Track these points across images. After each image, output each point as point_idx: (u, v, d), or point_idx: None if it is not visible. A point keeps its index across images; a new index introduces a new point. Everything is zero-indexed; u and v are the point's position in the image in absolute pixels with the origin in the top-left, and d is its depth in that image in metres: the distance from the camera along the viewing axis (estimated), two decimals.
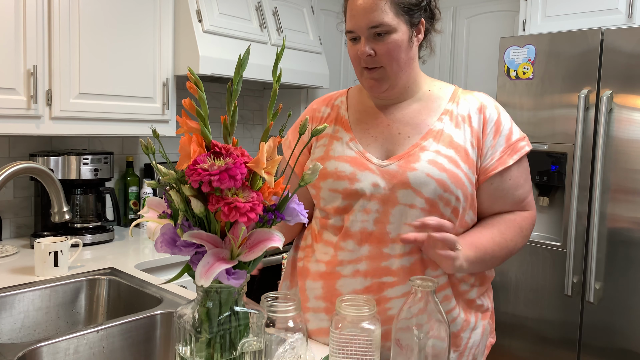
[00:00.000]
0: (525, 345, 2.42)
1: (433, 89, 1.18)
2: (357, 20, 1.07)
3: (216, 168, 0.63)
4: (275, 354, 0.85)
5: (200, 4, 2.27)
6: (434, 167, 1.06)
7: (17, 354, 1.05)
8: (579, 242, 2.24)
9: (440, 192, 1.05)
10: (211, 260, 0.65)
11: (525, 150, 1.14)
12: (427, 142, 1.09)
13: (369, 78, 1.11)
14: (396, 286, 1.07)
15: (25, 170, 1.27)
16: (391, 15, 1.06)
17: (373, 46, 1.07)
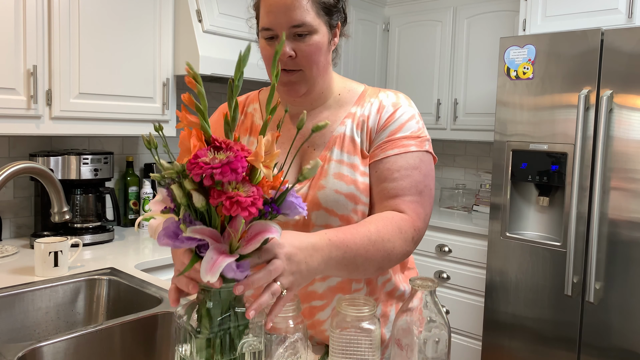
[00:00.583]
0: (525, 345, 2.42)
1: (343, 92, 1.12)
2: (276, 17, 0.98)
3: (217, 162, 0.63)
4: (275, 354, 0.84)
5: (200, 4, 2.27)
6: (341, 182, 1.01)
7: (17, 354, 1.05)
8: (579, 242, 2.24)
9: (352, 205, 1.01)
10: (214, 255, 0.65)
11: (408, 150, 1.02)
12: (330, 152, 1.04)
13: (285, 81, 1.03)
14: (326, 308, 1.06)
15: (25, 170, 1.27)
16: (313, 14, 0.99)
17: (293, 47, 0.99)
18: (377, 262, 0.94)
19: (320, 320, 1.07)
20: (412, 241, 1.00)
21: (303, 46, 1.00)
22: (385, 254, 0.95)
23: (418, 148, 1.04)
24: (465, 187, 3.47)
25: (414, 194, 1.01)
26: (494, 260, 2.52)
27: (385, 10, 3.56)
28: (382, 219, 0.97)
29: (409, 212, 1.00)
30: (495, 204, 2.51)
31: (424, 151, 1.04)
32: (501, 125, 2.48)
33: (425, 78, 3.35)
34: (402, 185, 1.01)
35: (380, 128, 1.05)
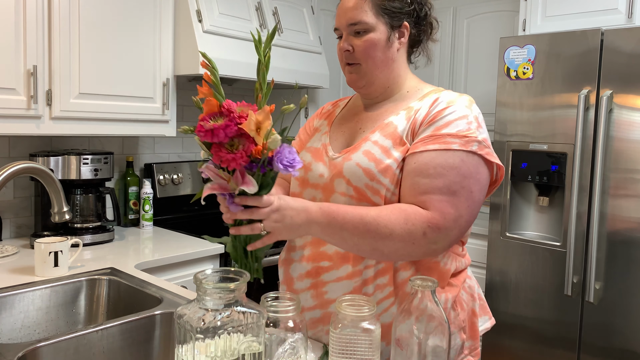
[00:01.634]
0: (525, 345, 2.42)
1: (412, 90, 1.19)
2: (340, 18, 1.16)
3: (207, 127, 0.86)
4: (275, 354, 0.85)
5: (200, 4, 2.27)
6: (365, 157, 1.09)
7: (17, 354, 1.05)
8: (579, 242, 2.24)
9: (366, 180, 1.08)
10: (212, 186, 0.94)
11: (449, 147, 1.03)
12: (373, 134, 1.12)
13: (347, 72, 1.19)
14: (331, 270, 1.12)
15: (25, 170, 1.27)
16: (370, 14, 1.13)
17: (351, 42, 1.15)
18: (368, 242, 1.01)
19: (323, 281, 1.13)
20: (425, 237, 1.00)
21: (359, 42, 1.14)
22: (379, 237, 1.00)
23: (461, 147, 1.03)
24: None
25: (445, 193, 1.02)
26: (494, 260, 2.52)
27: None
28: (393, 208, 1.03)
29: (432, 209, 1.01)
30: (495, 204, 2.51)
31: (468, 151, 1.04)
32: (501, 126, 2.48)
33: (425, 78, 3.33)
34: (434, 184, 1.02)
35: (428, 122, 1.08)
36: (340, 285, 1.10)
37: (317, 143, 1.23)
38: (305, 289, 1.15)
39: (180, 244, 2.12)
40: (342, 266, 1.10)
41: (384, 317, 1.09)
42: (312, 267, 1.14)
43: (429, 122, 1.07)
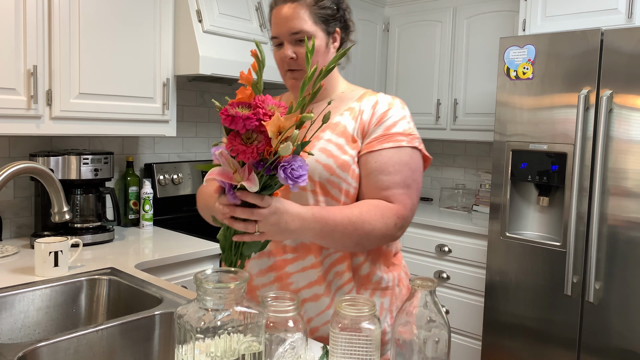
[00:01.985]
0: (525, 345, 2.42)
1: (346, 91, 1.32)
2: (280, 27, 1.21)
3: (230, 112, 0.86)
4: (275, 354, 0.85)
5: (200, 4, 2.27)
6: (323, 154, 1.19)
7: (17, 354, 1.05)
8: (579, 242, 2.24)
9: (327, 175, 1.18)
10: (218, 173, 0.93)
11: (400, 144, 1.20)
12: (323, 133, 1.22)
13: (291, 79, 1.25)
14: (296, 262, 1.21)
15: (26, 170, 1.27)
16: (310, 23, 1.21)
17: (295, 50, 1.21)
18: (354, 240, 1.13)
19: (288, 273, 1.22)
20: (395, 227, 1.17)
21: (302, 49, 1.20)
22: (364, 233, 1.13)
23: (409, 144, 1.21)
24: (465, 187, 3.47)
25: (403, 187, 1.19)
26: (494, 260, 2.52)
27: (385, 10, 3.56)
28: (369, 205, 1.16)
29: (396, 202, 1.18)
30: (495, 204, 2.52)
31: (413, 147, 1.22)
32: (501, 125, 2.48)
33: (425, 78, 3.35)
34: (394, 180, 1.19)
35: (376, 122, 1.22)
36: (304, 275, 1.21)
37: None
38: (269, 283, 1.23)
39: (180, 244, 2.12)
40: (307, 257, 1.20)
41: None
42: (276, 261, 1.21)
43: (377, 122, 1.22)
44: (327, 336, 1.20)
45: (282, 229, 1.01)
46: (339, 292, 1.22)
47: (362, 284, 1.25)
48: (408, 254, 3.08)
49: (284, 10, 1.21)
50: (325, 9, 1.23)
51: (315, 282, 1.21)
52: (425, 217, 3.02)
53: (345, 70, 3.55)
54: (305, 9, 1.20)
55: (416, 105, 3.39)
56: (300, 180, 0.91)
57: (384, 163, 1.19)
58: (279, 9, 1.22)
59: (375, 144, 1.20)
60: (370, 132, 1.22)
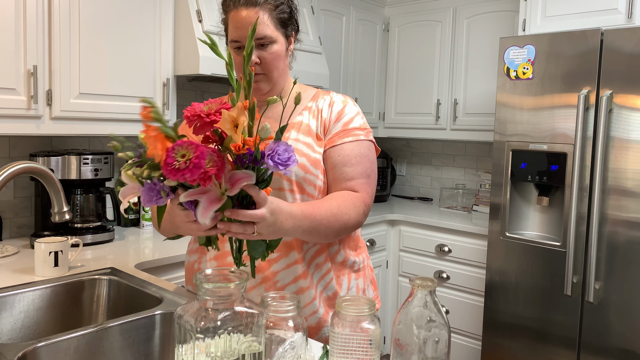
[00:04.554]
0: (525, 345, 2.42)
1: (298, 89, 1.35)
2: (241, 31, 1.20)
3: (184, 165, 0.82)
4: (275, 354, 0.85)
5: (200, 4, 2.27)
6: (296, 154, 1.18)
7: (17, 354, 1.05)
8: (578, 242, 2.24)
9: (302, 174, 1.24)
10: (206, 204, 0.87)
11: (358, 138, 1.29)
12: (289, 134, 1.28)
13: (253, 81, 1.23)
14: (280, 260, 1.25)
15: (26, 170, 1.27)
16: (272, 28, 1.23)
17: (258, 55, 1.22)
18: (335, 230, 1.19)
19: (274, 272, 1.26)
20: (363, 214, 1.26)
21: (265, 54, 1.23)
22: (343, 223, 1.20)
23: (366, 138, 1.31)
24: (465, 187, 3.47)
25: (365, 177, 1.28)
26: (494, 260, 2.52)
27: (385, 10, 3.56)
28: (341, 196, 1.23)
29: (361, 191, 1.27)
30: (495, 204, 2.52)
31: (369, 141, 1.32)
32: (501, 125, 2.48)
33: (425, 78, 3.35)
34: (357, 170, 1.27)
35: (334, 119, 1.30)
36: (289, 271, 1.26)
37: None
38: (257, 285, 1.26)
39: (180, 244, 2.12)
40: (290, 253, 1.25)
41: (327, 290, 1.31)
42: (261, 263, 1.24)
43: (336, 119, 1.30)
44: (315, 325, 1.31)
45: (277, 229, 1.02)
46: (321, 282, 1.30)
47: (339, 270, 1.34)
48: (408, 254, 3.08)
49: (246, 14, 1.20)
50: (283, 13, 1.25)
51: (300, 276, 1.27)
52: (425, 217, 3.02)
53: (344, 71, 3.56)
54: (267, 13, 1.22)
55: (416, 105, 3.39)
56: (290, 163, 0.90)
57: (346, 156, 1.27)
58: (238, 12, 1.21)
59: (336, 139, 1.28)
60: (330, 128, 1.30)
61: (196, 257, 1.37)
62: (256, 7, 1.21)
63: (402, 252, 3.11)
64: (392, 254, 3.15)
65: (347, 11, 3.25)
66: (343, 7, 3.22)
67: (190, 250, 1.40)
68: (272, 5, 1.24)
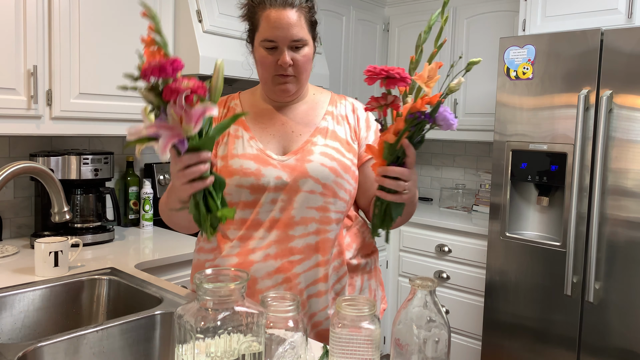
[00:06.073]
0: (525, 345, 2.42)
1: (317, 92, 1.37)
2: (280, 32, 1.19)
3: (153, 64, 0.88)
4: (275, 354, 0.85)
5: (200, 4, 2.27)
6: (326, 158, 1.24)
7: (17, 354, 1.05)
8: (578, 242, 2.24)
9: (333, 177, 1.23)
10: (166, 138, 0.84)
11: None
12: (316, 138, 1.27)
13: (282, 83, 1.24)
14: (303, 262, 1.23)
15: (26, 170, 1.27)
16: (306, 30, 1.23)
17: (291, 57, 1.21)
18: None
19: (296, 274, 1.24)
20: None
21: (298, 57, 1.22)
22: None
23: None
24: (465, 187, 3.47)
25: None
26: (494, 260, 2.52)
27: (385, 10, 3.56)
28: None
29: None
30: (495, 204, 2.52)
31: None
32: (501, 125, 2.48)
33: None
34: None
35: (364, 127, 1.32)
36: (311, 273, 1.24)
37: (249, 149, 1.25)
38: (277, 284, 1.24)
39: (180, 244, 2.12)
40: (313, 255, 1.24)
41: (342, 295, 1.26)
42: (283, 263, 1.23)
43: (366, 127, 1.32)
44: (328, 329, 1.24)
45: (415, 192, 1.06)
46: (336, 285, 1.28)
47: (353, 273, 1.33)
48: (408, 254, 3.08)
49: (286, 15, 1.19)
50: (313, 16, 1.27)
51: (320, 279, 1.25)
52: (425, 217, 3.02)
53: (344, 71, 3.55)
54: (302, 15, 1.22)
55: None
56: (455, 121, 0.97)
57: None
58: (278, 12, 1.19)
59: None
60: (362, 137, 1.31)
61: (211, 256, 1.30)
62: (294, 8, 1.20)
63: (402, 252, 3.11)
64: (392, 254, 3.15)
65: (347, 11, 3.25)
66: (343, 7, 3.22)
67: (201, 249, 1.34)
68: (307, 8, 1.24)
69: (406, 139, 0.97)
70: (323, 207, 1.23)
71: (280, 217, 1.22)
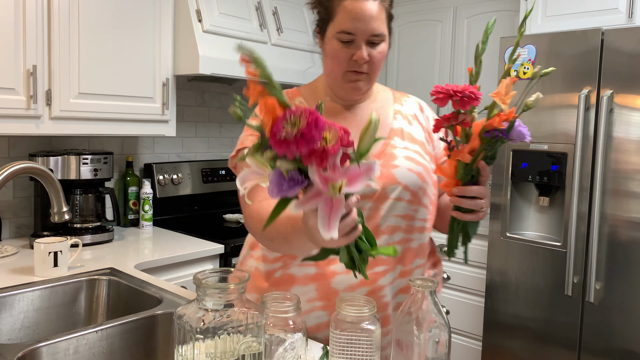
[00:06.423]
0: (525, 345, 2.42)
1: (379, 90, 1.28)
2: (361, 24, 1.08)
3: (294, 134, 0.64)
4: (275, 354, 0.84)
5: (200, 4, 2.27)
6: (411, 162, 1.17)
7: (17, 354, 1.04)
8: (579, 242, 2.24)
9: (420, 183, 1.16)
10: (325, 214, 0.69)
11: None
12: (394, 141, 1.19)
13: (354, 81, 1.14)
14: (387, 274, 1.15)
15: (25, 170, 1.26)
16: (385, 25, 1.13)
17: (368, 53, 1.11)
18: None
19: (380, 286, 1.15)
20: None
21: (375, 53, 1.12)
22: None
23: None
24: None
25: None
26: (494, 260, 2.52)
27: None
28: None
29: None
30: (496, 204, 2.51)
31: None
32: None
33: (425, 78, 3.34)
34: None
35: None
36: (394, 285, 1.17)
37: None
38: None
39: (180, 244, 2.12)
40: (396, 266, 1.17)
41: None
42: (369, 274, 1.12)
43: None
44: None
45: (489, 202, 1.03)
46: None
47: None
48: None
49: (368, 6, 1.08)
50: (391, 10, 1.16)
51: (402, 290, 1.18)
52: None
53: None
54: (384, 9, 1.12)
55: None
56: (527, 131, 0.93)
57: None
58: (359, 3, 1.08)
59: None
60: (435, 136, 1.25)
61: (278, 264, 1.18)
62: (377, 1, 1.10)
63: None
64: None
65: None
66: None
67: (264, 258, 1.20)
68: (389, 1, 1.14)
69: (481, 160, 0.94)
70: (409, 215, 1.16)
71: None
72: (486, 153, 0.94)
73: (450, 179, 0.98)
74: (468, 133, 0.94)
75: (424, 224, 1.20)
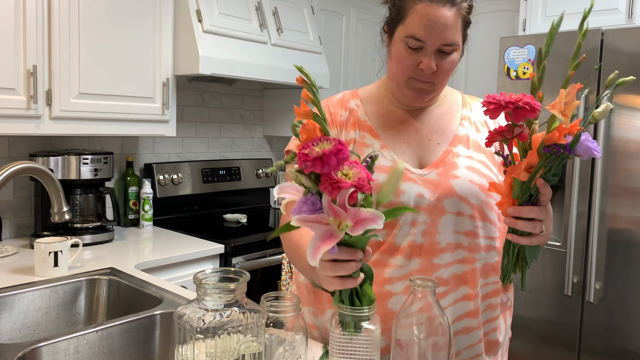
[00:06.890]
0: (525, 345, 2.42)
1: (447, 94, 1.19)
2: (434, 32, 1.01)
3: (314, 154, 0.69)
4: (275, 354, 0.84)
5: (200, 4, 2.27)
6: (474, 174, 1.06)
7: (17, 354, 1.05)
8: (579, 242, 2.24)
9: (484, 197, 1.06)
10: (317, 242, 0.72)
11: None
12: (457, 149, 1.09)
13: (417, 88, 1.07)
14: (448, 295, 1.05)
15: (25, 170, 1.26)
16: (460, 33, 1.06)
17: (437, 62, 1.04)
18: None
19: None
20: None
21: (444, 63, 1.05)
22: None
23: None
24: None
25: None
26: None
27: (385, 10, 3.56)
28: None
29: None
30: None
31: None
32: None
33: None
34: None
35: None
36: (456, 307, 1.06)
37: (382, 160, 1.07)
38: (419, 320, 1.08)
39: (180, 244, 2.12)
40: (459, 287, 1.06)
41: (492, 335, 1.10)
42: None
43: None
44: None
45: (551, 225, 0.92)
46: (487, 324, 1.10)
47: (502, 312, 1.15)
48: None
49: (443, 13, 1.01)
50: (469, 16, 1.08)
51: (468, 314, 1.07)
52: None
53: (344, 71, 3.54)
54: (460, 17, 1.05)
55: None
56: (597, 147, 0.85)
57: None
58: (434, 9, 1.01)
59: None
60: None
61: None
62: (454, 7, 1.02)
63: None
64: None
65: (347, 11, 3.25)
66: (343, 6, 3.21)
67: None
68: (467, 8, 1.06)
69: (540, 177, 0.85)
70: (472, 231, 1.05)
71: (422, 242, 1.04)
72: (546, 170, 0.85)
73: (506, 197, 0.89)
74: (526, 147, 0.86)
75: (491, 242, 1.08)
